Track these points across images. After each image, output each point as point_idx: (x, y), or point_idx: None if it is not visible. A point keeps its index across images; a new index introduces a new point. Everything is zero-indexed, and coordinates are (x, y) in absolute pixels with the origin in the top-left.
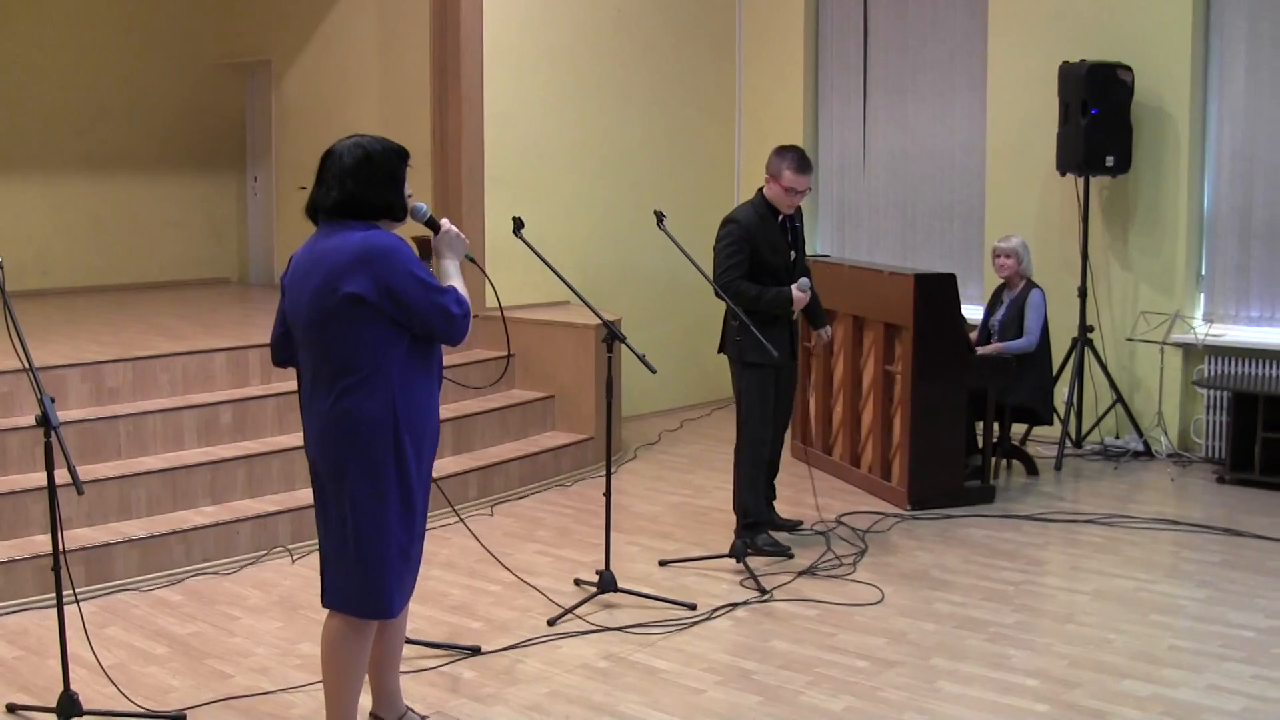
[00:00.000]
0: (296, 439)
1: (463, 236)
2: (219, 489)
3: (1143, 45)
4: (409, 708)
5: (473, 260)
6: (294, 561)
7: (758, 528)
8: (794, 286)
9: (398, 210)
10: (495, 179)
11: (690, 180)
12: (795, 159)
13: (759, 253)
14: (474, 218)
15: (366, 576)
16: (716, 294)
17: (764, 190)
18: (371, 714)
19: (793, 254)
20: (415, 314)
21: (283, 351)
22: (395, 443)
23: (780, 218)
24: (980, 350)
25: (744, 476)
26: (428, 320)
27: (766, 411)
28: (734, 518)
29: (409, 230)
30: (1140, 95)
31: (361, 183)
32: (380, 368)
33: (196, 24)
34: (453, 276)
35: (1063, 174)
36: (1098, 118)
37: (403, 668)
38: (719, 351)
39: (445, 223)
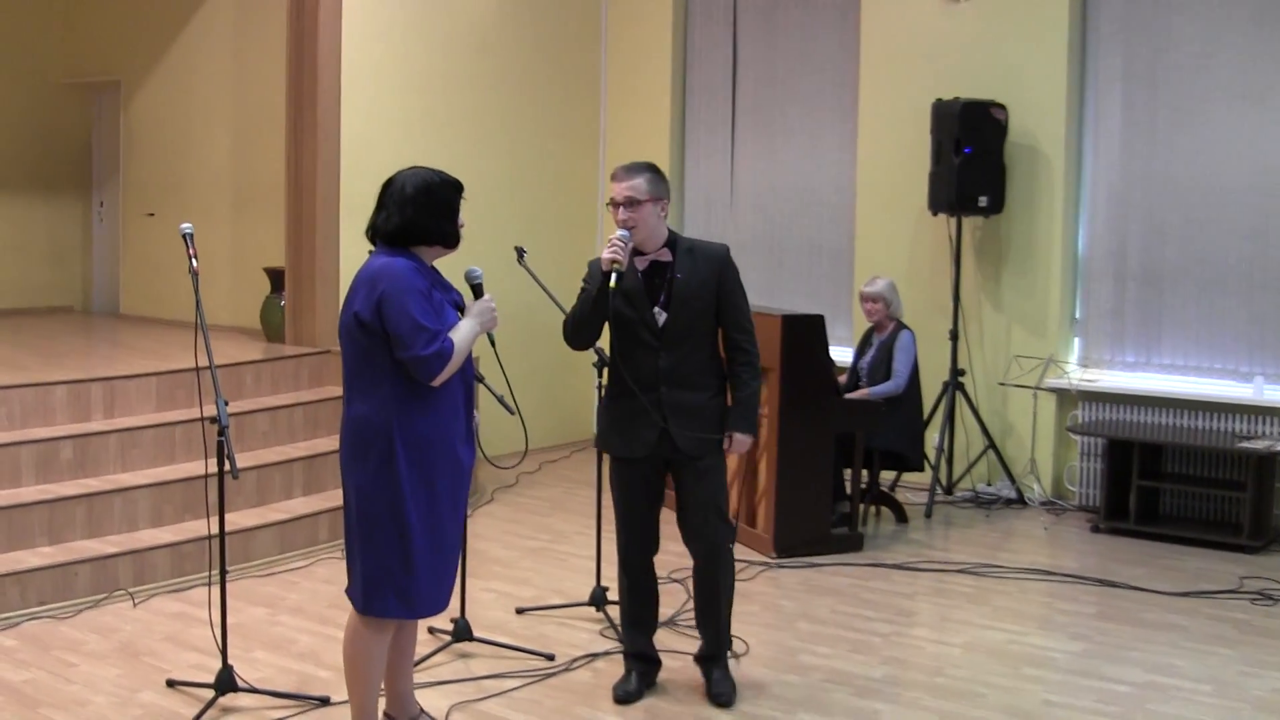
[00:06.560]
0: (139, 477)
1: (495, 315)
2: (57, 528)
3: (1017, 83)
4: (422, 709)
5: (492, 343)
6: (135, 605)
7: (628, 660)
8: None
9: (450, 238)
10: (351, 208)
11: (552, 213)
12: (617, 167)
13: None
14: (329, 247)
15: (364, 578)
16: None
17: None
18: (385, 714)
19: (657, 310)
20: (395, 340)
21: None
22: (389, 457)
23: (643, 263)
24: (848, 396)
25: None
26: (401, 348)
27: (622, 515)
28: (594, 564)
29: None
30: (1014, 134)
31: (421, 210)
32: (383, 382)
33: (41, 41)
34: (462, 333)
35: (935, 214)
36: (971, 157)
37: None
38: None
39: (488, 297)
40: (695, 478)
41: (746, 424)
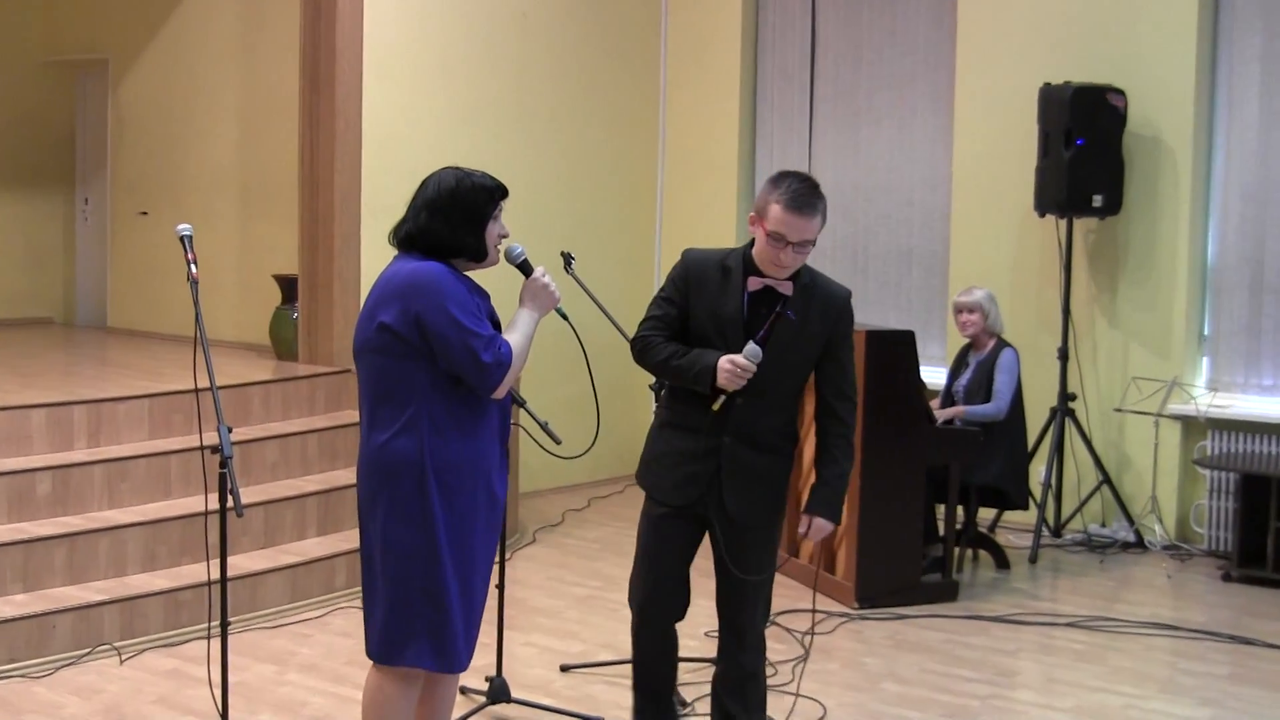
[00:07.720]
0: (128, 514)
1: (552, 289)
2: (32, 573)
3: (1138, 65)
4: None
5: (565, 317)
6: (123, 662)
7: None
8: (733, 356)
9: (472, 250)
10: (374, 209)
11: (605, 214)
12: (791, 189)
13: (698, 314)
14: (348, 253)
15: (387, 622)
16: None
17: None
18: None
19: (753, 345)
20: (443, 352)
21: None
22: (420, 486)
23: (757, 284)
24: (939, 414)
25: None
26: (455, 361)
27: (648, 562)
28: None
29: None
30: (1134, 124)
31: (437, 216)
32: (410, 404)
33: (17, 14)
34: (518, 328)
35: (1041, 215)
36: (1084, 149)
37: None
38: None
39: (539, 271)
40: (738, 549)
41: (831, 510)
